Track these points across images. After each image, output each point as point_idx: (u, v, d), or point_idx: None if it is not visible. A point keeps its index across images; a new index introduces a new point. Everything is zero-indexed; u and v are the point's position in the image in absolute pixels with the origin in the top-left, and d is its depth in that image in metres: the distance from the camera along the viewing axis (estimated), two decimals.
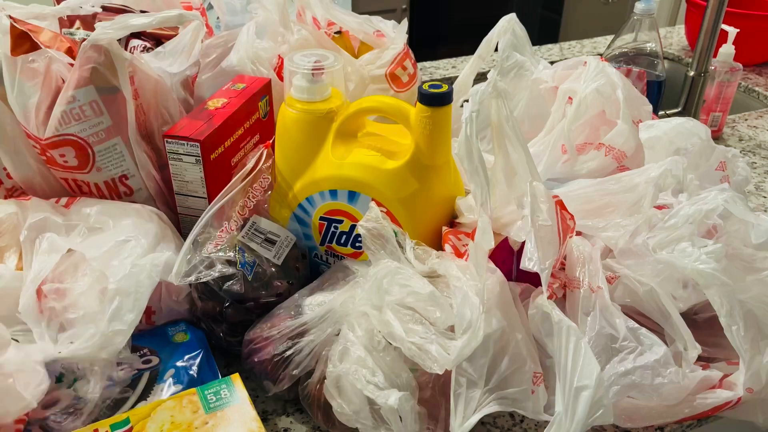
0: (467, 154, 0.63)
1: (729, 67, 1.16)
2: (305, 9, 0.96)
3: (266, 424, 0.66)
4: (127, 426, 0.56)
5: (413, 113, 0.67)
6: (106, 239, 0.67)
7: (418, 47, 1.12)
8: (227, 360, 0.72)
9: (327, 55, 0.72)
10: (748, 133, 1.20)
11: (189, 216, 0.75)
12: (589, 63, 0.85)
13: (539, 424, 0.66)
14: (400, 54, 0.94)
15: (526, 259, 0.62)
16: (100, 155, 0.73)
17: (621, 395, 0.61)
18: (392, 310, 0.60)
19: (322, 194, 0.72)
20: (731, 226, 0.67)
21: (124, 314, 0.62)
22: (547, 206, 0.64)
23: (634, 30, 1.03)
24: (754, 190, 1.03)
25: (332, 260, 0.76)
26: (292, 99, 0.72)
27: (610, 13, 2.67)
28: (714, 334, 0.66)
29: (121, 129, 0.74)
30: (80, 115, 0.70)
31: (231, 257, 0.68)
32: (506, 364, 0.60)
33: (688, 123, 0.84)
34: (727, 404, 0.61)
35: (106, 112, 0.72)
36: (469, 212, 0.71)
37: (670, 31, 1.71)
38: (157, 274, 0.65)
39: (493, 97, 0.66)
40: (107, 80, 0.71)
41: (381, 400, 0.56)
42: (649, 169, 0.73)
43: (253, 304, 0.68)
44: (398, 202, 0.70)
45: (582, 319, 0.63)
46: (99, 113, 0.71)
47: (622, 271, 0.67)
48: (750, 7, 1.47)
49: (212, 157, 0.73)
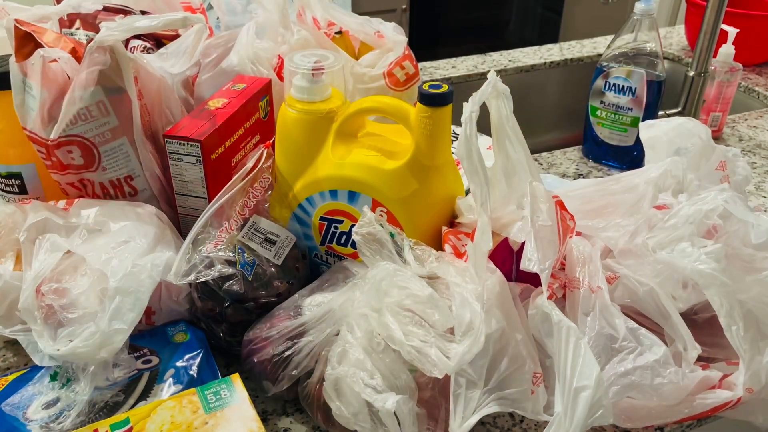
0: (467, 154, 0.63)
1: (729, 67, 1.16)
2: (305, 9, 0.96)
3: (266, 424, 0.66)
4: (127, 426, 0.56)
5: (413, 113, 0.68)
6: (105, 241, 0.67)
7: (418, 47, 1.12)
8: (227, 360, 0.72)
9: (327, 55, 0.72)
10: (748, 133, 1.20)
11: (189, 216, 0.75)
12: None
13: (539, 424, 0.66)
14: (399, 56, 0.95)
15: (526, 260, 0.62)
16: (106, 155, 0.73)
17: (621, 395, 0.61)
18: (391, 312, 0.60)
19: (322, 194, 0.72)
20: (731, 226, 0.67)
21: (125, 313, 0.62)
22: (546, 206, 0.64)
23: (634, 30, 1.03)
24: (754, 190, 1.03)
25: (332, 260, 0.76)
26: (292, 99, 0.72)
27: (610, 13, 2.67)
28: (714, 334, 0.66)
29: (127, 129, 0.74)
30: (87, 115, 0.70)
31: (231, 257, 0.68)
32: (506, 365, 0.60)
33: (689, 123, 0.84)
34: (727, 404, 0.61)
35: (112, 113, 0.72)
36: (469, 212, 0.71)
37: (670, 31, 1.71)
38: (157, 273, 0.65)
39: (493, 97, 0.66)
40: (113, 81, 0.71)
41: (379, 404, 0.56)
42: (649, 170, 0.73)
43: (253, 304, 0.68)
44: (398, 202, 0.70)
45: (582, 320, 0.63)
46: (105, 113, 0.71)
47: (621, 271, 0.67)
48: (750, 7, 1.47)
49: (212, 157, 0.73)
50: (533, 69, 1.48)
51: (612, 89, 1.05)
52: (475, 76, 1.43)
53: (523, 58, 1.51)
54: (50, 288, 0.64)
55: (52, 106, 0.70)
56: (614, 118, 1.06)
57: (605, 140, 1.09)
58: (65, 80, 0.70)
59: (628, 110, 1.04)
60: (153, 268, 0.65)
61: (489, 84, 0.64)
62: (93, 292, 0.64)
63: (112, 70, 0.71)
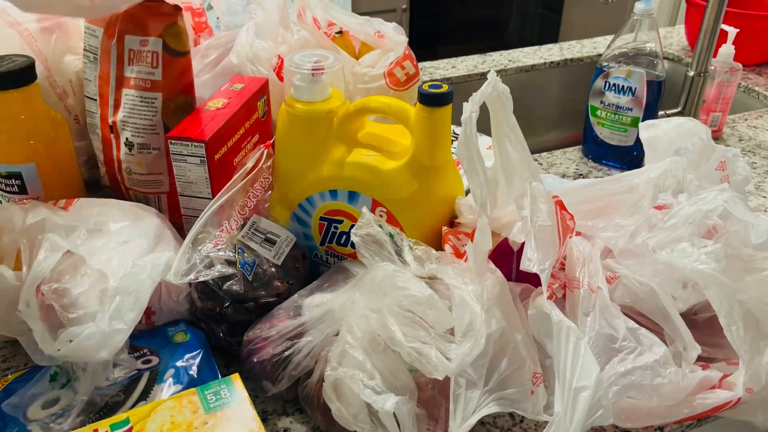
0: (467, 154, 0.63)
1: (729, 67, 1.16)
2: (305, 9, 0.96)
3: (266, 424, 0.66)
4: (126, 426, 0.56)
5: (413, 113, 0.67)
6: (105, 240, 0.67)
7: (418, 47, 1.12)
8: (227, 360, 0.72)
9: (327, 55, 0.72)
10: (748, 133, 1.20)
11: (193, 217, 0.75)
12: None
13: (539, 424, 0.66)
14: (399, 56, 0.95)
15: (526, 260, 0.62)
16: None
17: (620, 395, 0.61)
18: (391, 313, 0.60)
19: (322, 194, 0.72)
20: (731, 226, 0.67)
21: (125, 313, 0.62)
22: (546, 206, 0.64)
23: (633, 30, 1.03)
24: (754, 190, 1.03)
25: (332, 260, 0.76)
26: (292, 99, 0.72)
27: (610, 13, 2.67)
28: (714, 334, 0.66)
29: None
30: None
31: (231, 257, 0.68)
32: (506, 365, 0.60)
33: (688, 123, 0.84)
34: (727, 404, 0.61)
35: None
36: (469, 212, 0.71)
37: (670, 31, 1.71)
38: (158, 273, 0.65)
39: (493, 97, 0.66)
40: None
41: (378, 405, 0.56)
42: (649, 170, 0.73)
43: (253, 304, 0.68)
44: (398, 202, 0.70)
45: (582, 320, 0.63)
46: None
47: (621, 271, 0.67)
48: (750, 7, 1.47)
49: (216, 158, 0.73)
50: (533, 69, 1.48)
51: (612, 89, 1.05)
52: (475, 76, 1.43)
53: (523, 58, 1.50)
54: (50, 288, 0.64)
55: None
56: (614, 118, 1.06)
57: (605, 140, 1.09)
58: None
59: (628, 110, 1.04)
60: (153, 268, 0.65)
61: (489, 84, 0.64)
62: (93, 292, 0.64)
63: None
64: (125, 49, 0.77)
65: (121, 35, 0.77)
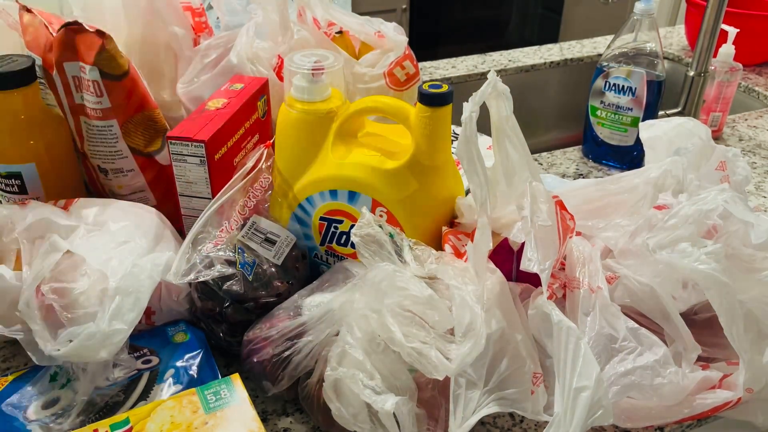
0: (467, 154, 0.63)
1: (729, 67, 1.16)
2: (305, 9, 0.95)
3: (266, 424, 0.66)
4: (126, 426, 0.56)
5: (413, 113, 0.67)
6: (105, 240, 0.67)
7: (418, 47, 1.12)
8: (227, 360, 0.72)
9: (327, 55, 0.72)
10: (748, 133, 1.20)
11: (193, 217, 0.75)
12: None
13: (539, 424, 0.66)
14: (400, 56, 0.95)
15: (526, 260, 0.62)
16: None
17: (621, 395, 0.61)
18: (391, 313, 0.60)
19: (322, 194, 0.72)
20: (731, 226, 0.67)
21: (125, 313, 0.62)
22: (546, 206, 0.64)
23: (634, 30, 1.03)
24: (754, 190, 1.03)
25: (332, 260, 0.76)
26: (292, 99, 0.72)
27: (610, 13, 2.67)
28: (714, 334, 0.66)
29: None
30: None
31: (231, 257, 0.68)
32: (506, 365, 0.60)
33: (689, 123, 0.84)
34: (727, 404, 0.61)
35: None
36: (469, 212, 0.71)
37: (670, 31, 1.71)
38: (158, 274, 0.65)
39: (493, 97, 0.66)
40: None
41: (378, 405, 0.56)
42: (649, 170, 0.73)
43: (253, 304, 0.68)
44: (398, 203, 0.70)
45: (582, 320, 0.63)
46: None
47: (622, 271, 0.67)
48: (750, 7, 1.47)
49: (216, 157, 0.73)
50: (533, 69, 1.48)
51: (612, 89, 1.05)
52: (475, 76, 1.43)
53: (523, 58, 1.51)
54: (50, 288, 0.64)
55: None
56: (614, 118, 1.06)
57: (605, 140, 1.09)
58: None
59: (628, 110, 1.04)
60: (153, 268, 0.65)
61: (489, 84, 0.64)
62: (93, 292, 0.64)
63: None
64: (68, 76, 0.75)
65: (59, 64, 0.75)
